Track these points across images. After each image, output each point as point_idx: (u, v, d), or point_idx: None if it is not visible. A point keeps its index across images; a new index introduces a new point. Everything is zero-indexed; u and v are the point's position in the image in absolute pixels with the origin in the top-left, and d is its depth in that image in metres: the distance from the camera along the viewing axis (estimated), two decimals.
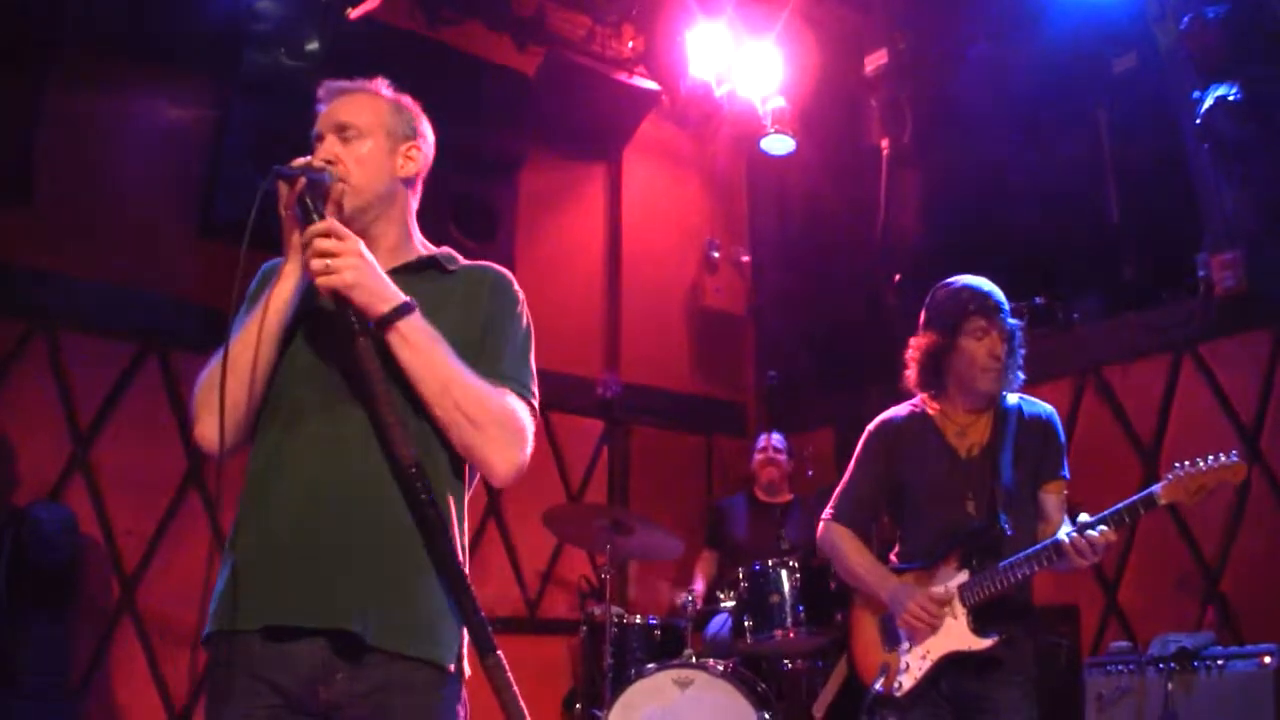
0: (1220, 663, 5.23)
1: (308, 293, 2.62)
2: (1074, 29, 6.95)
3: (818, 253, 9.09)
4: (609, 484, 8.37)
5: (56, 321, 6.26)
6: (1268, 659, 5.11)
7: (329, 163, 2.66)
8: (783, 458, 7.57)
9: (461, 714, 2.61)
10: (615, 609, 6.31)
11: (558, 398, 7.98)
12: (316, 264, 2.47)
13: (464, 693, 2.63)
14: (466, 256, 2.89)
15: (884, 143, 8.26)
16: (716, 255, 9.04)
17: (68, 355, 6.28)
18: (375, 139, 2.76)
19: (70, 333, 6.29)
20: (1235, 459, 3.87)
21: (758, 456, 7.61)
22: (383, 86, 2.87)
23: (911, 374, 4.38)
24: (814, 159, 8.65)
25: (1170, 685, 5.31)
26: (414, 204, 2.88)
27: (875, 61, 8.25)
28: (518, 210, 7.77)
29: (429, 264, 2.81)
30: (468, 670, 2.63)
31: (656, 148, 8.98)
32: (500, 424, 2.62)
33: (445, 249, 2.88)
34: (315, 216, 2.52)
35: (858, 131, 8.64)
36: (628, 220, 8.76)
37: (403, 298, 2.55)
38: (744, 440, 8.24)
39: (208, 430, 2.55)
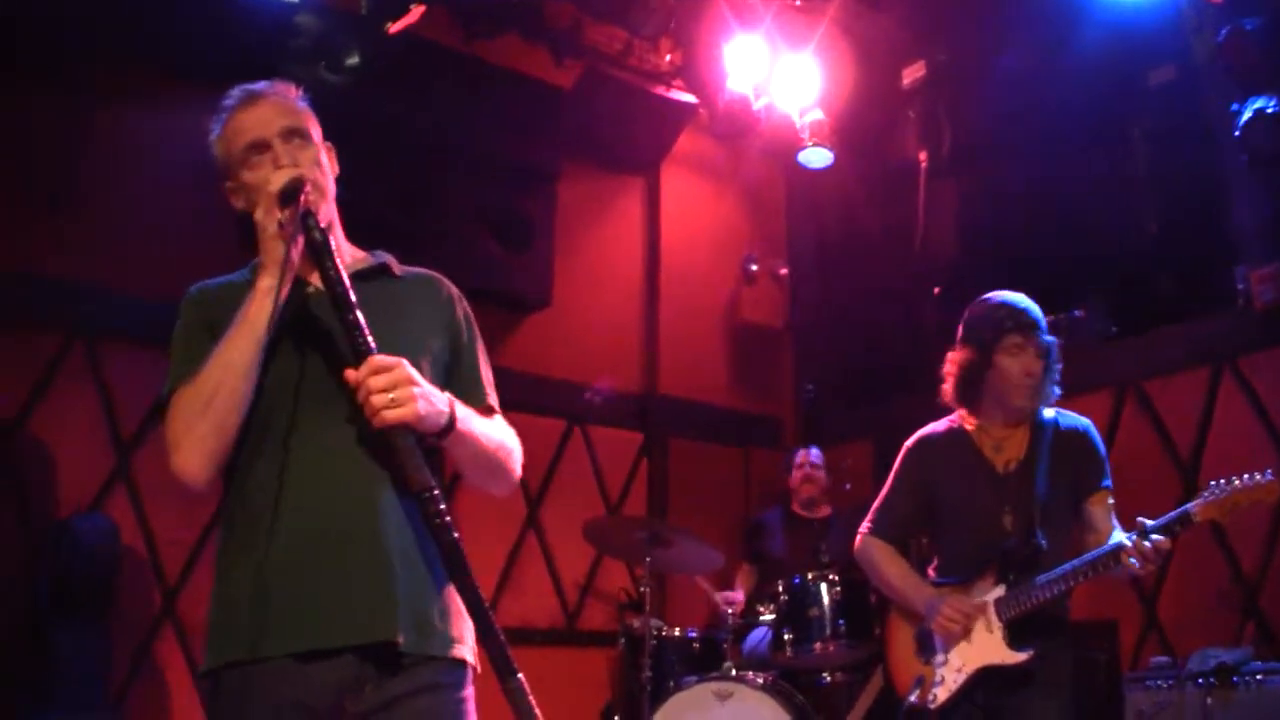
0: (1259, 678, 5.21)
1: (291, 306, 2.57)
2: (1111, 42, 6.92)
3: (855, 266, 9.09)
4: (648, 496, 8.38)
5: (96, 333, 6.30)
6: None
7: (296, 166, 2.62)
8: (821, 474, 7.55)
9: (474, 712, 2.62)
10: (654, 621, 6.32)
11: (597, 411, 8.02)
12: (379, 400, 2.36)
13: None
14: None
15: (922, 155, 8.26)
16: (754, 268, 9.02)
17: (109, 366, 6.32)
18: (316, 142, 2.74)
19: (111, 344, 6.33)
20: (1270, 478, 3.88)
21: (796, 473, 7.57)
22: (293, 91, 2.81)
23: (949, 389, 4.40)
24: (852, 172, 8.64)
25: (1209, 701, 5.29)
26: None
27: (913, 74, 8.25)
28: (555, 222, 7.77)
29: (380, 270, 2.79)
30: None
31: (694, 161, 8.99)
32: (513, 463, 2.77)
33: (380, 251, 2.86)
34: (316, 233, 2.46)
35: (896, 144, 8.63)
36: (665, 233, 8.76)
37: (447, 397, 2.53)
38: (780, 453, 8.23)
39: (192, 463, 2.50)
